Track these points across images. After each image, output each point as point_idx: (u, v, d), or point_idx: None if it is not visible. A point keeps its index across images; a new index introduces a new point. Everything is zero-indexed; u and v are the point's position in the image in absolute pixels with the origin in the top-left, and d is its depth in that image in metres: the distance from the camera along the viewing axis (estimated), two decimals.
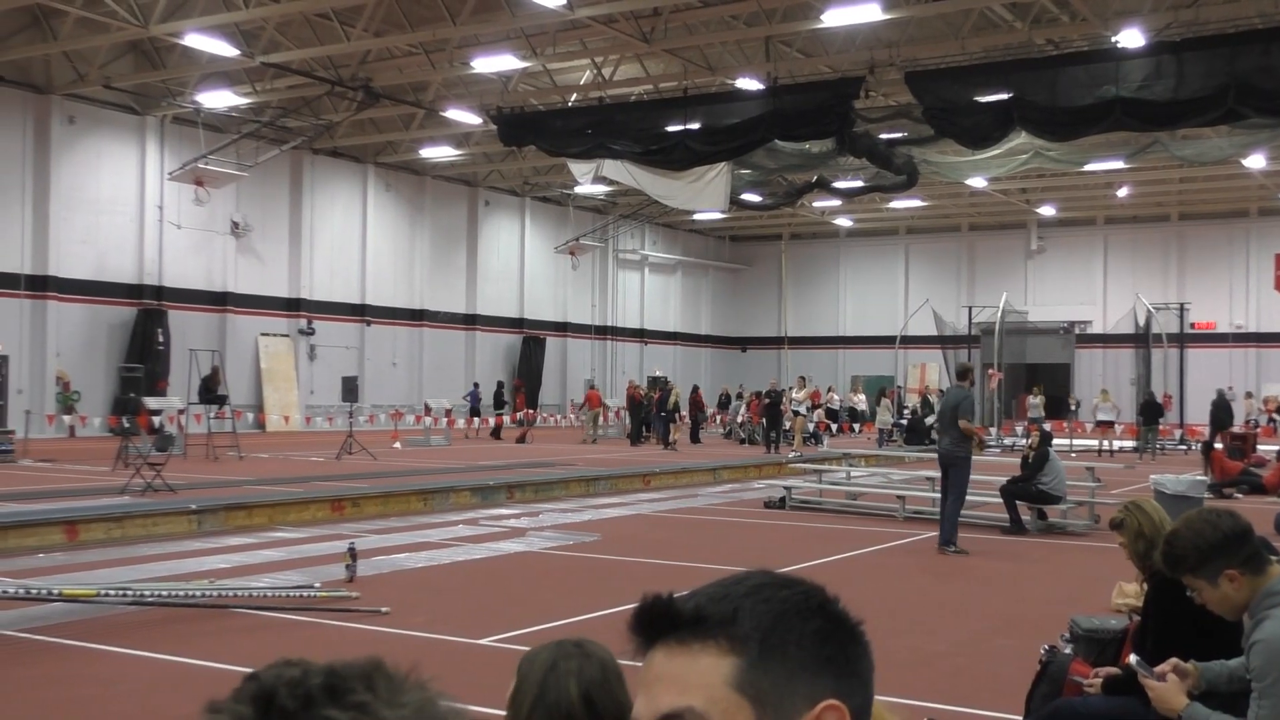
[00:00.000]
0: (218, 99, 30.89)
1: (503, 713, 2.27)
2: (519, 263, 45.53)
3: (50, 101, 30.53)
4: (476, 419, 36.32)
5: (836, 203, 42.85)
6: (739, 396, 38.33)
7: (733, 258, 56.96)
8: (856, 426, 41.07)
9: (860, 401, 42.38)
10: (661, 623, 1.09)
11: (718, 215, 43.93)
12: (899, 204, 44.46)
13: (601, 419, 35.32)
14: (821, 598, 1.14)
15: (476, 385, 38.81)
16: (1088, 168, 32.23)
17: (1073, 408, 37.35)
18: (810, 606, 1.11)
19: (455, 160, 39.42)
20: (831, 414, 40.10)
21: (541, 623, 8.54)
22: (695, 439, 33.88)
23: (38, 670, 7.23)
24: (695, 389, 36.70)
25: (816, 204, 43.95)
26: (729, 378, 50.80)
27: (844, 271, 54.06)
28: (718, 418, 40.98)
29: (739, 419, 36.88)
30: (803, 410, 31.65)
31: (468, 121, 32.48)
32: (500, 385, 38.59)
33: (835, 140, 24.14)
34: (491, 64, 28.43)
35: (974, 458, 13.23)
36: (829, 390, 43.81)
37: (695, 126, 24.82)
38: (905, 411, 37.40)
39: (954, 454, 12.92)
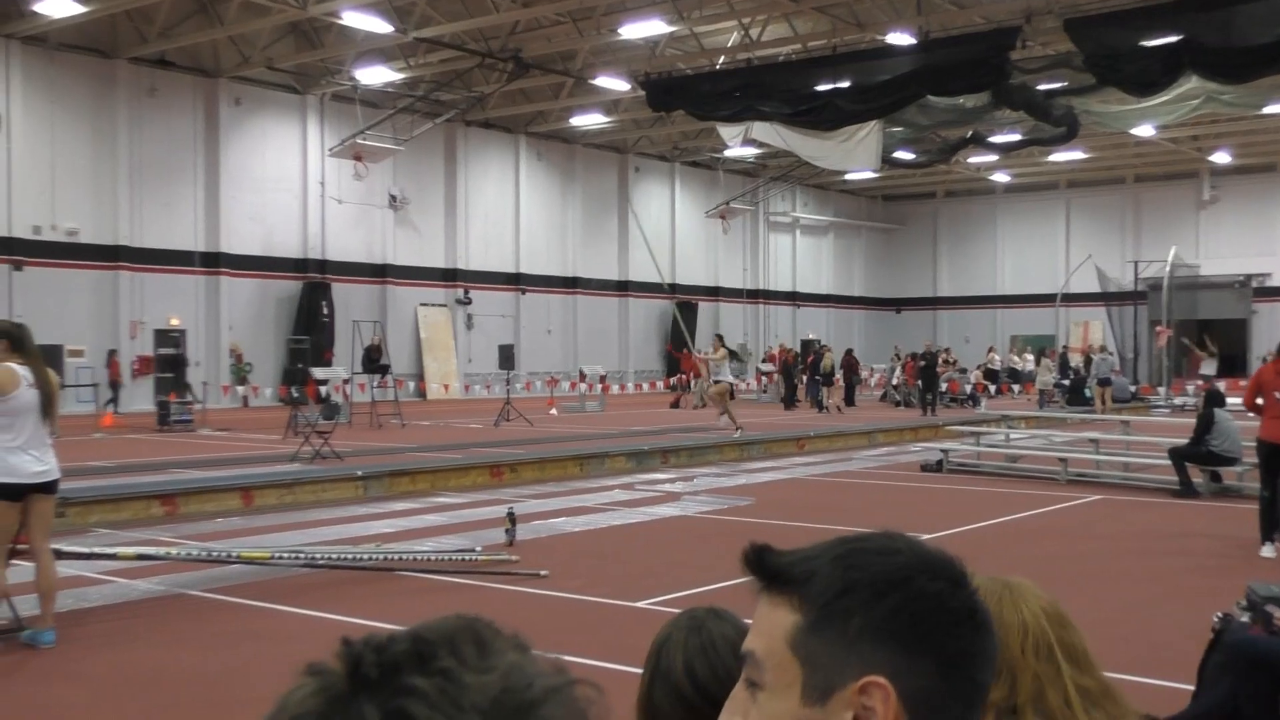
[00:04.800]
0: (373, 75, 31.67)
1: None
2: (670, 228, 45.58)
3: (218, 84, 31.77)
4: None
5: (992, 158, 41.62)
6: (895, 357, 37.73)
7: (886, 217, 55.96)
8: (1016, 388, 40.04)
9: (1026, 362, 41.20)
10: (754, 573, 1.14)
11: (869, 175, 43.16)
12: (1058, 157, 42.93)
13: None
14: (919, 571, 1.10)
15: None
16: (1266, 110, 30.51)
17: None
18: (896, 579, 1.08)
19: (605, 127, 39.63)
20: (990, 374, 39.16)
21: (697, 586, 8.58)
22: (850, 402, 33.50)
23: (219, 627, 7.61)
24: (848, 351, 36.27)
25: (971, 160, 42.83)
26: (883, 339, 50.09)
27: (1001, 228, 52.57)
28: (873, 380, 40.51)
29: (894, 381, 36.34)
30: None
31: (616, 88, 32.60)
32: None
33: (990, 93, 23.43)
34: (639, 30, 28.42)
35: (1146, 419, 12.67)
36: (989, 351, 42.77)
37: (845, 85, 24.39)
38: (1069, 372, 36.26)
39: None
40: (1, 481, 6.89)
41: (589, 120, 37.96)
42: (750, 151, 39.46)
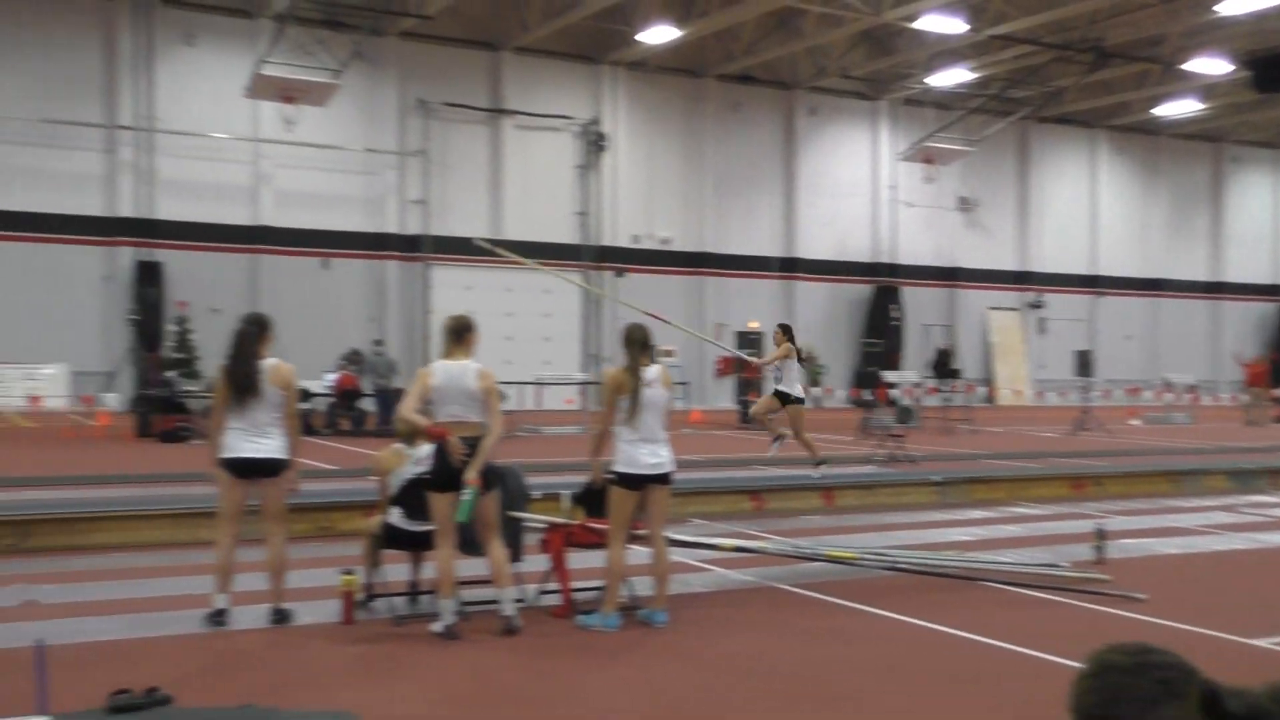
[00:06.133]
0: (944, 77, 31.43)
1: None
2: (1272, 223, 41.15)
3: (794, 96, 33.14)
4: None
5: None
6: None
7: None
8: None
9: None
10: None
11: None
12: None
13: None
14: None
15: None
16: None
17: None
18: None
19: (1196, 116, 36.56)
20: None
21: None
22: None
23: (809, 622, 7.84)
24: None
25: None
26: None
27: None
28: None
29: None
30: None
31: (1211, 72, 29.95)
32: None
33: None
34: (1243, 3, 25.80)
35: None
36: None
37: None
38: None
39: None
40: (622, 471, 7.57)
41: (1177, 109, 35.20)
42: None
